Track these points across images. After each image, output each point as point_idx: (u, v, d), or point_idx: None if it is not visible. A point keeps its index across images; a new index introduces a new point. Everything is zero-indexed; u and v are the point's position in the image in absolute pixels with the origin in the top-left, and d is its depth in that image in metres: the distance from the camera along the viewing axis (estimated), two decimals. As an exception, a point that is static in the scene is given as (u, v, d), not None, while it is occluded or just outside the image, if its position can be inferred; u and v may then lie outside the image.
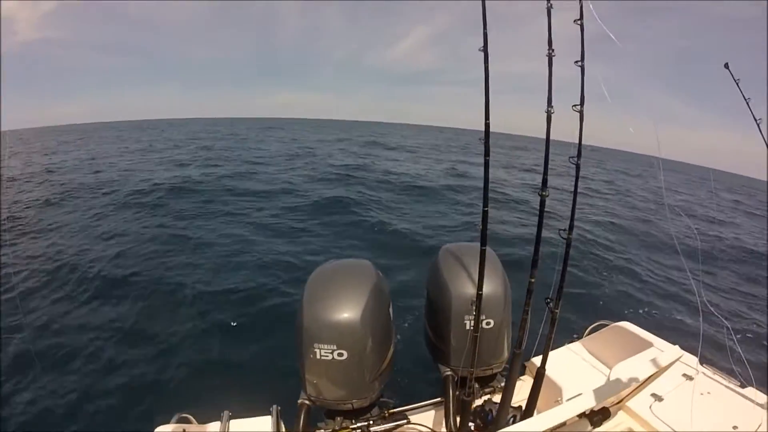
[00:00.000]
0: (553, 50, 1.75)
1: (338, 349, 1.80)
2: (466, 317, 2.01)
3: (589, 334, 2.50)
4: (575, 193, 1.79)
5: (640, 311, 5.19)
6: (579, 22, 1.71)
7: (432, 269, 2.24)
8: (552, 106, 1.70)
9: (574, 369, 2.32)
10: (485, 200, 1.72)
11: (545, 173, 1.76)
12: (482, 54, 1.68)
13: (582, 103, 1.71)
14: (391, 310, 2.06)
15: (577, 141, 1.74)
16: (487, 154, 1.72)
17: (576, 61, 1.73)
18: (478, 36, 1.65)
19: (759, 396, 2.08)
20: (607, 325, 2.48)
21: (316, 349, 1.81)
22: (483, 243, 1.76)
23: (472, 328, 1.91)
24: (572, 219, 1.78)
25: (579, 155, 1.75)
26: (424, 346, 2.28)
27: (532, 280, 1.85)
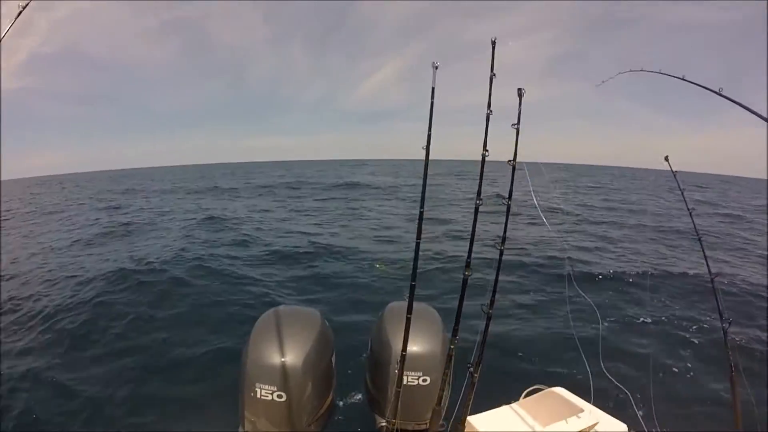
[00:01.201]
0: (491, 111, 1.84)
1: (278, 390, 1.86)
2: (406, 372, 2.06)
3: (526, 397, 2.57)
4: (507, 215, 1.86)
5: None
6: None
7: (377, 325, 2.34)
8: (488, 150, 1.79)
9: (510, 429, 2.37)
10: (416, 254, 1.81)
11: (480, 185, 1.83)
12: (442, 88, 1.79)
13: (515, 159, 1.82)
14: (334, 359, 2.17)
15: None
16: (424, 178, 1.81)
17: (513, 124, 1.83)
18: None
19: None
20: (543, 389, 2.56)
21: (257, 389, 1.88)
22: (413, 278, 1.82)
23: (409, 382, 2.00)
24: (504, 233, 1.84)
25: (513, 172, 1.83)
26: (363, 397, 2.38)
27: (454, 344, 1.87)
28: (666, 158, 2.56)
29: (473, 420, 2.27)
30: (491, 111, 1.85)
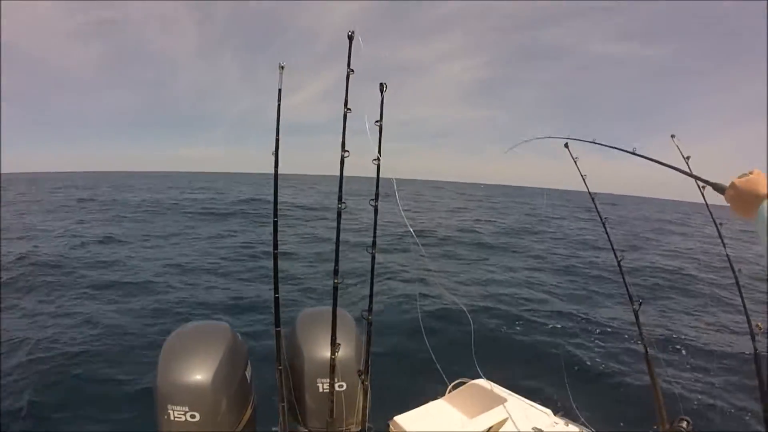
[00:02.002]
0: (349, 109, 1.83)
1: (190, 410, 1.83)
2: (319, 380, 2.10)
3: (451, 391, 2.58)
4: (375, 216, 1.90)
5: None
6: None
7: (290, 334, 2.32)
8: (347, 150, 1.81)
9: (437, 425, 2.40)
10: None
11: (340, 190, 1.85)
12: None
13: (379, 156, 1.84)
14: (248, 371, 2.14)
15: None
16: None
17: (376, 121, 1.85)
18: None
19: None
20: (466, 382, 2.58)
21: (169, 411, 1.84)
22: (276, 290, 1.88)
23: (326, 390, 2.03)
24: (374, 236, 1.87)
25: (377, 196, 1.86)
26: (282, 406, 2.28)
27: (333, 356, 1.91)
28: (584, 180, 2.71)
29: (400, 420, 2.25)
30: (349, 109, 1.83)
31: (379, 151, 1.78)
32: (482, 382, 2.56)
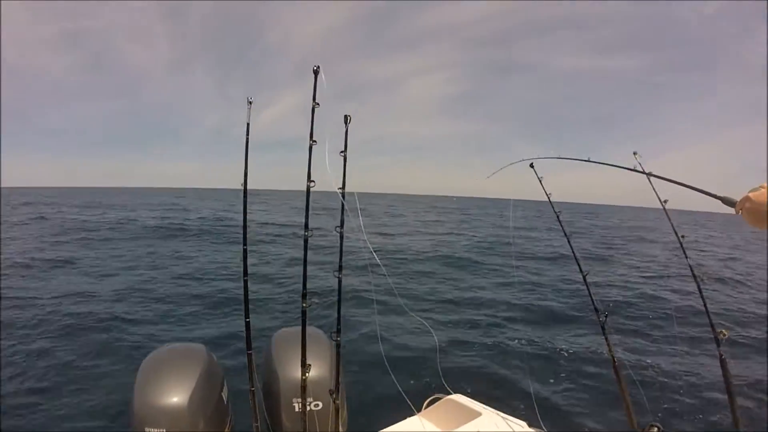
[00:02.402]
0: (314, 141, 1.87)
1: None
2: (295, 399, 2.10)
3: (427, 407, 2.59)
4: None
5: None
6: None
7: (265, 354, 2.34)
8: (313, 181, 1.85)
9: None
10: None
11: (306, 218, 1.90)
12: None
13: (344, 186, 1.90)
14: (224, 392, 2.16)
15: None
16: (244, 213, 1.90)
17: (341, 152, 1.91)
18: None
19: None
20: (441, 398, 2.60)
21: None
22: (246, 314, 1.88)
23: (301, 409, 2.02)
24: (340, 260, 1.94)
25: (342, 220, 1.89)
26: (261, 427, 2.31)
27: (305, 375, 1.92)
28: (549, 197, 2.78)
29: None
30: (315, 141, 1.87)
31: (344, 183, 1.85)
32: (457, 397, 2.58)
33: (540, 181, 2.71)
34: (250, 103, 1.96)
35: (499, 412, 2.42)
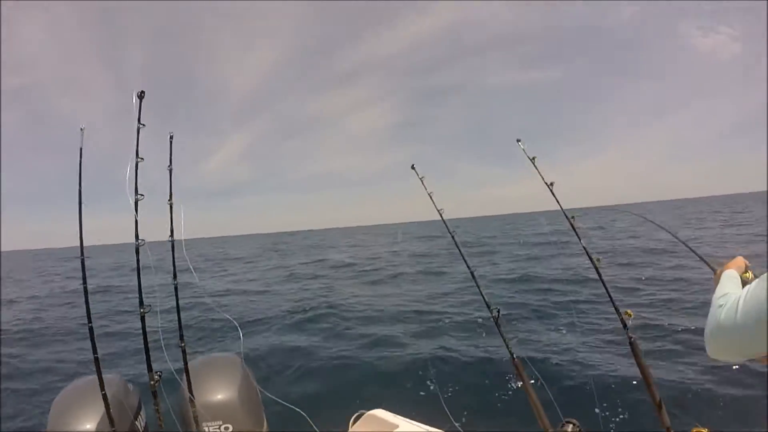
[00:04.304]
0: (141, 195, 1.85)
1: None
2: (205, 425, 2.17)
3: (353, 424, 2.64)
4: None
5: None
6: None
7: (184, 380, 2.31)
8: (142, 240, 1.86)
9: None
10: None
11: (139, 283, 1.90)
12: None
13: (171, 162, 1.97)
14: (141, 420, 2.24)
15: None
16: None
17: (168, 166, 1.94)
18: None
19: None
20: (365, 413, 2.66)
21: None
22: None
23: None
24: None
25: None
26: None
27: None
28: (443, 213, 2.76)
29: None
30: (142, 158, 1.83)
31: (171, 233, 1.88)
32: (379, 412, 2.66)
33: (430, 196, 2.71)
34: (82, 130, 1.93)
35: (420, 425, 2.52)
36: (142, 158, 1.78)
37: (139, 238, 1.79)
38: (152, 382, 1.94)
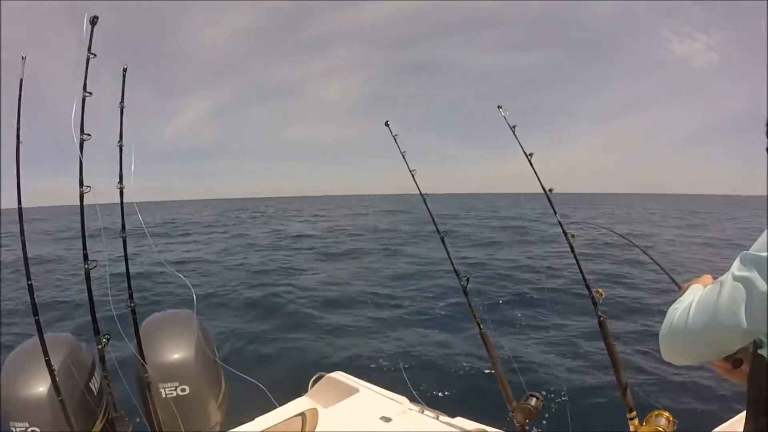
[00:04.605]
0: (88, 135, 1.68)
1: (31, 426, 1.84)
2: (161, 385, 2.06)
3: (312, 385, 2.63)
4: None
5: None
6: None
7: (138, 339, 2.19)
8: (88, 186, 1.70)
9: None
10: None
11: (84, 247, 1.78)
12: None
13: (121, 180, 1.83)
14: (94, 382, 2.10)
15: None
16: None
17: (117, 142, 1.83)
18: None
19: (467, 423, 2.23)
20: (323, 376, 2.65)
21: (161, 389, 2.02)
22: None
23: (169, 395, 2.03)
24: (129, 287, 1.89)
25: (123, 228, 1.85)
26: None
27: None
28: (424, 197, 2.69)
29: (263, 419, 2.29)
30: (89, 135, 1.68)
31: (120, 179, 1.70)
32: (338, 375, 2.66)
33: (394, 139, 2.63)
34: (23, 58, 1.71)
35: (377, 389, 2.52)
36: (90, 93, 1.57)
37: (84, 184, 1.59)
38: (100, 347, 1.81)
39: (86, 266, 1.75)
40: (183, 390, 2.03)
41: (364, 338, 5.64)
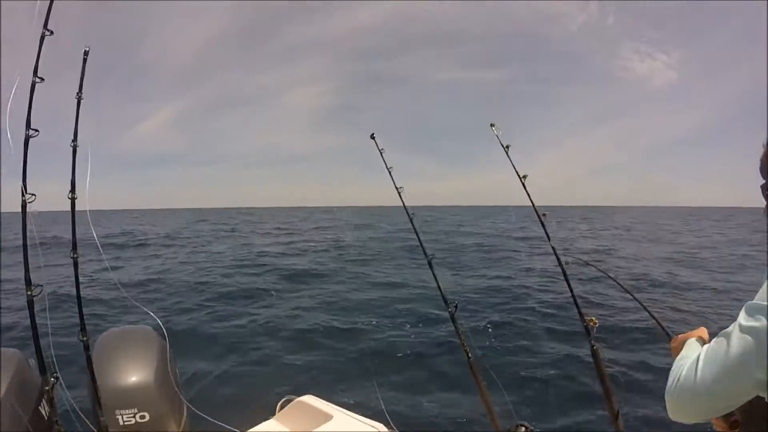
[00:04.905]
0: (36, 130, 1.44)
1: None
2: (118, 411, 1.86)
3: (281, 409, 2.50)
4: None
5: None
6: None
7: (87, 362, 1.98)
8: (32, 195, 1.47)
9: None
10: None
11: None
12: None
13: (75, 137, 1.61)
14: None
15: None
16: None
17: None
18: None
19: None
20: (293, 399, 2.50)
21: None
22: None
23: (127, 422, 1.85)
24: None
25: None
26: None
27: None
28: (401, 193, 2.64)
29: None
30: (36, 131, 1.45)
31: (73, 187, 1.49)
32: (308, 398, 2.49)
33: (380, 153, 2.58)
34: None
35: (351, 413, 2.37)
36: (42, 78, 1.32)
37: (28, 191, 1.35)
38: (47, 388, 1.57)
39: (29, 293, 1.50)
40: (142, 417, 1.85)
41: (335, 362, 5.38)
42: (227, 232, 28.68)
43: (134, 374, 1.89)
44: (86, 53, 1.62)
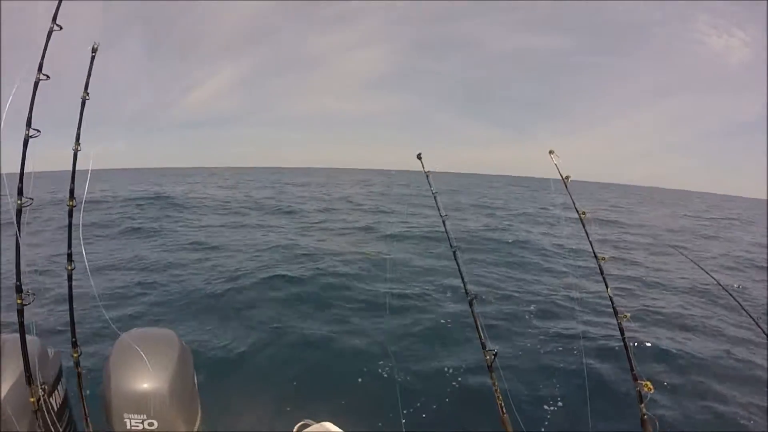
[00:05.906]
0: (36, 131, 1.44)
1: (149, 419, 1.79)
2: (126, 416, 1.83)
3: None
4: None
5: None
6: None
7: (109, 357, 2.02)
8: (29, 198, 1.55)
9: None
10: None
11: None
12: None
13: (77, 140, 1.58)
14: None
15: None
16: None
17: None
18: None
19: None
20: (311, 424, 2.39)
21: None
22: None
23: (134, 427, 1.82)
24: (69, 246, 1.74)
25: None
26: None
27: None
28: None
29: None
30: (47, 76, 1.39)
31: (77, 139, 1.41)
32: (328, 425, 2.34)
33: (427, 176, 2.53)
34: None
35: None
36: (47, 76, 1.27)
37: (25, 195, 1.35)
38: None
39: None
40: (150, 424, 1.80)
41: (351, 376, 4.85)
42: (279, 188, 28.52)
43: (149, 380, 1.83)
44: (94, 50, 1.54)
